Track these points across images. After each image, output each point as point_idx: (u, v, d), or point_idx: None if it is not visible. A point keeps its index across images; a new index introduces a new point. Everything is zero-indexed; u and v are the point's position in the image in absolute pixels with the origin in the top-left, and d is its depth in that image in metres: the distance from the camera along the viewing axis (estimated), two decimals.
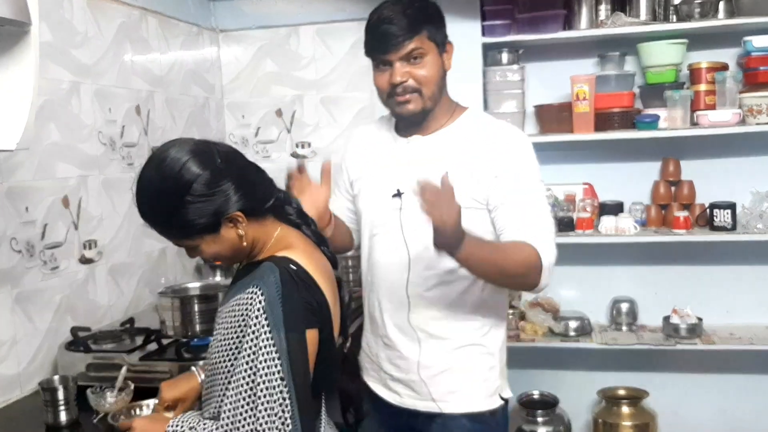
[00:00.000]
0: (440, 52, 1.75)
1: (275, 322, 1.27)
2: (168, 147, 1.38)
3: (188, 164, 1.33)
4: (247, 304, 1.30)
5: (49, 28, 2.25)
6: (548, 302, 3.20)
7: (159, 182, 1.35)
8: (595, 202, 3.11)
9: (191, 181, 1.32)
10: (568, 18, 2.94)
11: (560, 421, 3.09)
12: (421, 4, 1.70)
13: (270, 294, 1.29)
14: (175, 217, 1.34)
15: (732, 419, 3.17)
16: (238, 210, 1.36)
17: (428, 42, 1.70)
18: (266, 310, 1.28)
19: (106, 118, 2.55)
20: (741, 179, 3.01)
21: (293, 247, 1.41)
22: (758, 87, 2.79)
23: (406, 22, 1.65)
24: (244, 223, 1.38)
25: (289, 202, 1.51)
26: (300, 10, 3.38)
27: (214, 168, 1.34)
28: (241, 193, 1.36)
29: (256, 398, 1.26)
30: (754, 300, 3.10)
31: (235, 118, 3.49)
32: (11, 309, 2.08)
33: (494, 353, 1.81)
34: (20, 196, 2.12)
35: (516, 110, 3.03)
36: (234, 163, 1.39)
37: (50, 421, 1.85)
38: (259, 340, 1.27)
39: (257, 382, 1.26)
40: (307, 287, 1.35)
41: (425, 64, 1.70)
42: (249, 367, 1.27)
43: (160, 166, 1.36)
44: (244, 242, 1.39)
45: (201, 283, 2.31)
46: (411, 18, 1.66)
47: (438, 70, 1.73)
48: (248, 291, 1.32)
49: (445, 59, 1.77)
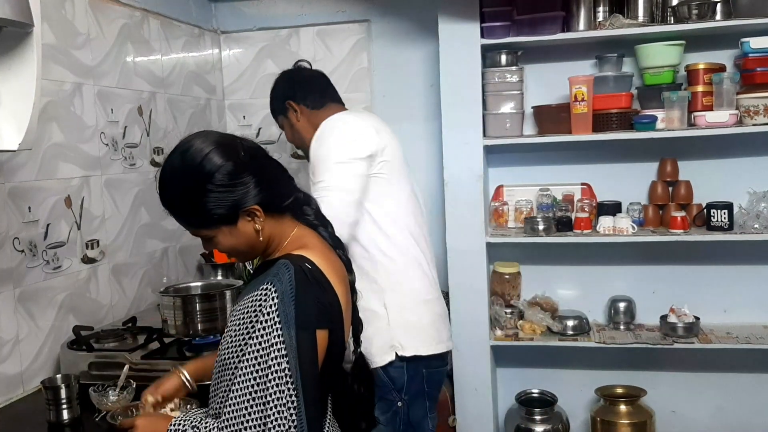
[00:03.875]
0: (286, 116, 2.34)
1: (287, 319, 1.27)
2: (193, 137, 1.41)
3: (211, 154, 1.35)
4: (260, 301, 1.31)
5: (51, 29, 2.26)
6: (546, 301, 3.21)
7: (181, 170, 1.38)
8: (593, 203, 3.12)
9: (213, 171, 1.34)
10: (567, 19, 2.95)
11: (558, 419, 3.10)
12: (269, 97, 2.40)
13: (283, 291, 1.29)
14: (194, 205, 1.37)
15: (729, 418, 3.19)
16: (256, 204, 1.37)
17: (278, 117, 2.39)
18: (279, 307, 1.28)
19: (108, 119, 2.57)
20: (738, 179, 3.02)
21: (309, 247, 1.42)
22: (755, 88, 2.80)
23: None
24: (262, 218, 1.39)
25: (308, 202, 1.52)
26: (300, 12, 3.40)
27: (236, 160, 1.37)
28: (261, 188, 1.38)
29: (265, 394, 1.25)
30: (751, 299, 3.11)
31: (236, 119, 3.51)
32: (14, 308, 2.10)
33: None
34: (23, 196, 2.14)
35: (515, 111, 3.04)
36: (257, 157, 1.42)
37: (52, 420, 1.86)
38: (271, 337, 1.27)
39: (267, 379, 1.25)
40: (321, 287, 1.35)
41: (286, 129, 2.40)
42: (258, 362, 1.27)
43: (184, 154, 1.38)
44: (261, 237, 1.40)
45: (203, 283, 2.33)
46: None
47: (290, 126, 2.34)
48: (262, 288, 1.32)
49: (292, 117, 2.33)
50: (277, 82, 2.43)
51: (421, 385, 2.14)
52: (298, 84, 2.35)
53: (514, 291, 3.22)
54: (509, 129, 3.05)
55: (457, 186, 2.99)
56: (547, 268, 3.29)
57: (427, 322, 2.16)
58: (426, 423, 2.19)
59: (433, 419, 2.23)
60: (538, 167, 3.26)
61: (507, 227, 3.21)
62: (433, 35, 3.04)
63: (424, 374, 2.13)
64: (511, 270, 3.20)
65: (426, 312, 2.16)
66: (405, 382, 2.10)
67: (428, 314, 2.17)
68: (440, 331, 2.20)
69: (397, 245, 2.12)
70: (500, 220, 3.21)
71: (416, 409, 2.14)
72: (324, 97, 2.34)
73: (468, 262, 3.00)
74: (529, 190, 3.23)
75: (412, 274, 2.15)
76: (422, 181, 3.25)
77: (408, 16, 3.32)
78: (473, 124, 2.97)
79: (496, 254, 3.24)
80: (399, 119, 3.34)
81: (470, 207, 2.99)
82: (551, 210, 3.13)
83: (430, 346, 2.14)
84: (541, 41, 2.98)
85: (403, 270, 2.13)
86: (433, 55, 3.12)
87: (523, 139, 3.06)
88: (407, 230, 2.15)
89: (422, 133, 3.33)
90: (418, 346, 2.10)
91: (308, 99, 2.31)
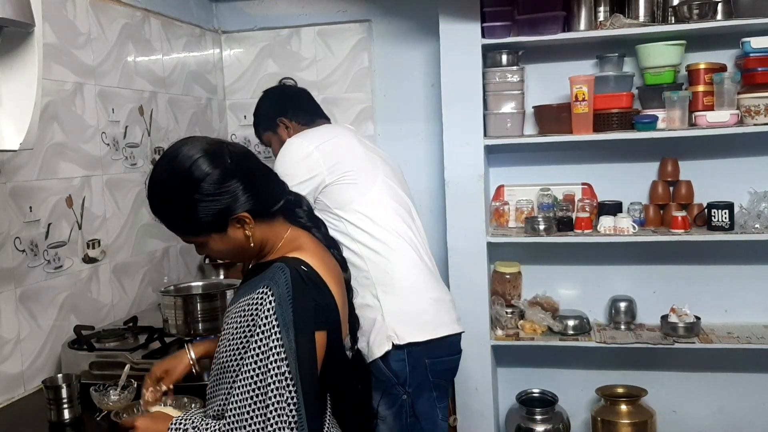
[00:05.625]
0: (276, 132, 2.43)
1: (285, 322, 1.27)
2: (181, 144, 1.40)
3: (198, 162, 1.35)
4: (257, 304, 1.31)
5: (52, 29, 2.26)
6: (547, 301, 3.21)
7: (169, 178, 1.38)
8: (594, 202, 3.12)
9: (200, 179, 1.34)
10: (568, 19, 2.95)
11: (559, 419, 3.10)
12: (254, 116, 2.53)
13: (280, 294, 1.29)
14: (182, 213, 1.37)
15: (729, 417, 3.19)
16: (245, 211, 1.37)
17: (266, 134, 2.47)
18: (276, 310, 1.28)
19: (109, 119, 2.57)
20: (739, 179, 3.03)
21: (304, 249, 1.42)
22: (756, 88, 2.80)
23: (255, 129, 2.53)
24: (252, 224, 1.39)
25: (300, 204, 1.52)
26: (301, 12, 3.40)
27: (223, 168, 1.36)
28: (249, 195, 1.38)
29: (266, 398, 1.26)
30: (751, 299, 3.11)
31: (237, 119, 3.51)
32: (15, 308, 2.10)
33: None
34: (24, 196, 2.14)
35: (515, 111, 3.05)
36: (244, 164, 1.41)
37: (53, 419, 1.86)
38: (270, 341, 1.27)
39: (267, 383, 1.26)
40: (317, 288, 1.35)
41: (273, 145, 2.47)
42: (258, 366, 1.27)
43: (171, 162, 1.38)
44: (251, 243, 1.40)
45: (203, 282, 2.33)
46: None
47: (279, 142, 2.36)
48: (258, 291, 1.32)
49: (281, 133, 2.40)
50: (265, 99, 2.55)
51: (425, 375, 2.13)
52: (289, 101, 2.47)
53: (515, 291, 3.22)
54: (510, 129, 3.05)
55: (457, 186, 2.99)
56: (548, 268, 3.29)
57: (421, 308, 2.15)
58: (435, 414, 2.18)
59: (443, 409, 2.21)
60: (538, 167, 3.26)
61: (508, 227, 3.21)
62: (434, 35, 3.04)
63: (426, 364, 2.12)
64: (511, 270, 3.20)
65: (419, 299, 2.16)
66: (407, 374, 2.10)
67: (422, 301, 2.16)
68: (438, 316, 2.18)
69: (380, 239, 2.14)
70: (501, 219, 3.22)
71: (422, 401, 2.14)
72: (313, 114, 2.46)
73: (469, 261, 3.00)
74: (529, 190, 3.24)
75: (400, 264, 2.16)
76: (423, 181, 3.27)
77: (409, 15, 3.32)
78: (474, 123, 2.97)
79: (497, 254, 3.24)
80: (400, 119, 3.36)
81: (471, 207, 2.99)
82: (552, 210, 3.13)
83: (427, 331, 2.12)
84: (541, 41, 2.98)
85: (391, 260, 2.15)
86: (434, 55, 3.12)
87: (524, 138, 3.06)
88: (390, 223, 2.18)
89: (423, 133, 3.34)
90: (413, 333, 2.10)
91: (300, 116, 2.43)
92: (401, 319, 2.11)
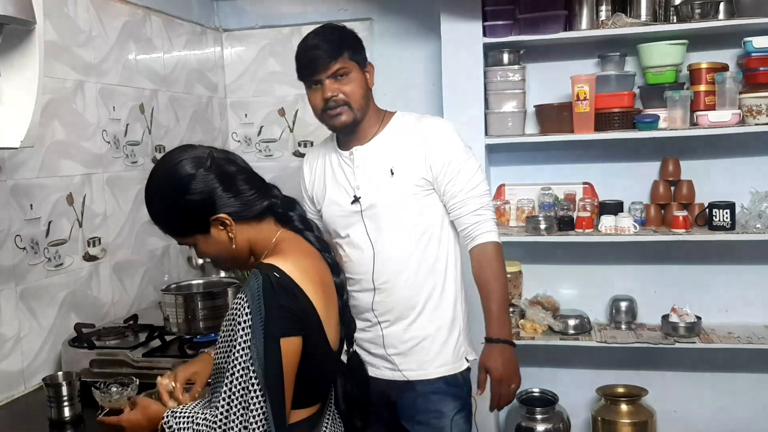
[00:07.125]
0: (362, 70, 2.00)
1: (255, 328, 1.31)
2: (174, 149, 1.51)
3: (181, 164, 1.43)
4: (236, 310, 1.34)
5: (53, 26, 2.27)
6: (548, 300, 3.21)
7: (156, 182, 1.48)
8: (595, 202, 3.12)
9: (180, 180, 1.42)
10: (569, 18, 2.95)
11: (559, 418, 3.10)
12: (340, 32, 1.99)
13: (252, 301, 1.33)
14: (166, 213, 1.47)
15: (730, 417, 3.19)
16: (224, 213, 1.42)
17: (350, 62, 1.96)
18: (249, 317, 1.31)
19: (110, 117, 2.57)
20: (740, 179, 3.02)
21: (283, 254, 1.44)
22: (758, 87, 2.80)
23: (329, 46, 1.93)
24: (233, 226, 1.44)
25: (292, 207, 1.53)
26: (302, 10, 3.40)
27: (202, 170, 1.42)
28: (228, 197, 1.43)
29: (241, 399, 1.30)
30: (752, 299, 3.11)
31: (238, 117, 3.51)
32: (15, 305, 2.10)
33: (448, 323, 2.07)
34: (25, 194, 2.14)
35: (517, 110, 3.04)
36: (224, 168, 1.45)
37: (54, 417, 1.87)
38: (245, 345, 1.31)
39: (243, 386, 1.30)
40: (289, 295, 1.36)
41: (350, 81, 1.96)
42: (236, 369, 1.31)
43: (160, 164, 1.49)
44: (234, 245, 1.45)
45: (204, 281, 2.34)
46: (333, 43, 1.94)
47: (362, 85, 1.99)
48: (238, 296, 1.36)
49: (368, 77, 2.02)
50: None
51: None
52: None
53: (516, 290, 3.21)
54: (511, 128, 3.05)
55: None
56: (549, 268, 3.29)
57: None
58: None
59: None
60: (539, 166, 3.26)
61: (509, 226, 3.21)
62: (435, 34, 3.03)
63: None
64: (512, 269, 3.19)
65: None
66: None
67: None
68: None
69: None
70: (502, 219, 3.21)
71: None
72: None
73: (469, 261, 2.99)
74: (530, 189, 3.23)
75: None
76: None
77: (410, 14, 3.31)
78: (475, 122, 2.97)
79: None
80: None
81: None
82: (553, 209, 3.13)
83: None
84: (543, 40, 2.98)
85: None
86: (436, 54, 3.12)
87: (525, 138, 3.06)
88: None
89: None
90: (476, 349, 2.14)
91: None
92: (468, 335, 2.16)
